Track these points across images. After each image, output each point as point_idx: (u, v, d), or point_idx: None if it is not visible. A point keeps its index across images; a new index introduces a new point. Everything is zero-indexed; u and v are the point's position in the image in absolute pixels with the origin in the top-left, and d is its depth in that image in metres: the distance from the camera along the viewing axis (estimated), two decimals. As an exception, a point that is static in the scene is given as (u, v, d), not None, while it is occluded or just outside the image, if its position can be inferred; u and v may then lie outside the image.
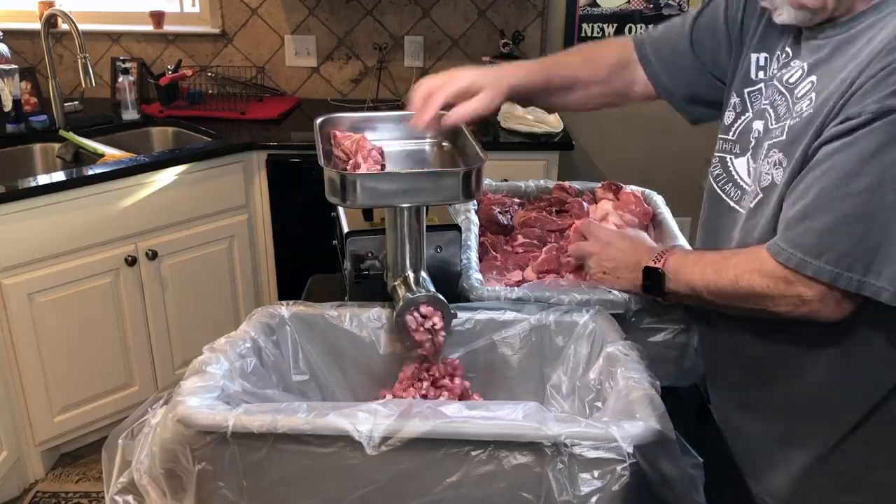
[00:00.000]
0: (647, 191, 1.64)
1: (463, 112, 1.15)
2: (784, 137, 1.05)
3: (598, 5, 3.16)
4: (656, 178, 2.09)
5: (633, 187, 1.62)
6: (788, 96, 1.07)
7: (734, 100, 1.18)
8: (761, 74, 1.15)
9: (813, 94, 1.02)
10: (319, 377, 1.20)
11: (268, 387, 1.08)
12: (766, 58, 1.15)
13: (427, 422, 0.84)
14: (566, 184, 1.66)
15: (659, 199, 1.60)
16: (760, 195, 1.08)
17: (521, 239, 1.54)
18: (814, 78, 1.04)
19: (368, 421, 0.84)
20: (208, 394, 0.93)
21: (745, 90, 1.17)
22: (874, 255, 0.94)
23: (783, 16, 1.04)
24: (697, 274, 1.10)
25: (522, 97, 1.29)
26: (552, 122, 2.91)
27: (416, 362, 1.17)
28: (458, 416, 0.85)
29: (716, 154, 1.20)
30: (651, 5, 3.14)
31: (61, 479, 2.54)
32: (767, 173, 1.06)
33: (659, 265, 1.15)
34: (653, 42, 1.31)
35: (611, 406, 0.96)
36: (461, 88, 1.16)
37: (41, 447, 2.51)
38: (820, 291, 0.98)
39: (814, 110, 1.01)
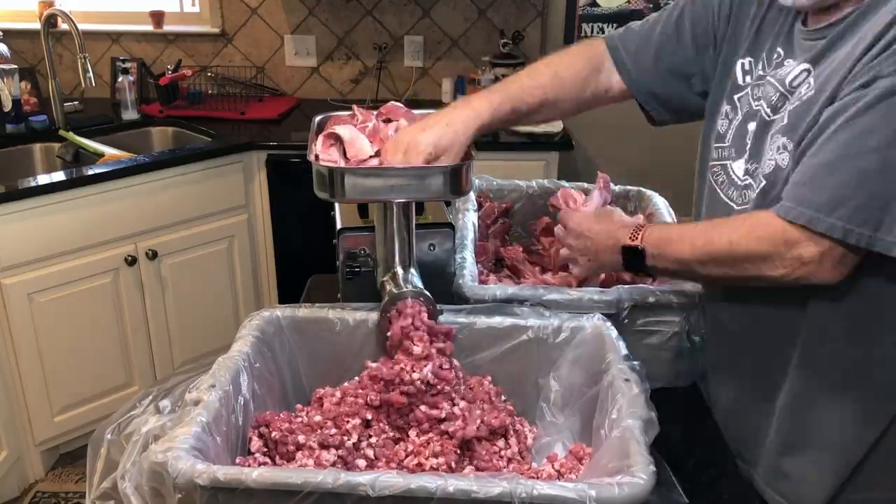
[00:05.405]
0: (648, 191, 1.63)
1: None
2: (786, 121, 1.06)
3: (598, 5, 3.16)
4: (656, 178, 2.09)
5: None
6: (783, 89, 1.08)
7: (725, 108, 1.20)
8: (748, 78, 1.17)
9: (811, 79, 1.04)
10: (313, 383, 1.20)
11: (264, 408, 1.09)
12: (750, 62, 1.17)
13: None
14: (567, 187, 1.65)
15: (659, 200, 1.59)
16: (764, 182, 1.08)
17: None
18: (811, 68, 1.06)
19: (330, 483, 0.82)
20: (191, 439, 0.90)
21: (735, 96, 1.18)
22: (886, 211, 0.94)
23: None
24: (686, 246, 1.09)
25: (490, 133, 1.28)
26: (552, 123, 2.91)
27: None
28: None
29: (715, 163, 1.21)
30: (651, 5, 3.14)
31: (61, 479, 2.55)
32: (770, 159, 1.07)
33: (637, 242, 1.14)
34: (627, 47, 1.30)
35: (601, 458, 0.96)
36: (423, 161, 1.11)
37: (41, 447, 2.51)
38: (822, 251, 0.97)
39: (815, 91, 1.02)
